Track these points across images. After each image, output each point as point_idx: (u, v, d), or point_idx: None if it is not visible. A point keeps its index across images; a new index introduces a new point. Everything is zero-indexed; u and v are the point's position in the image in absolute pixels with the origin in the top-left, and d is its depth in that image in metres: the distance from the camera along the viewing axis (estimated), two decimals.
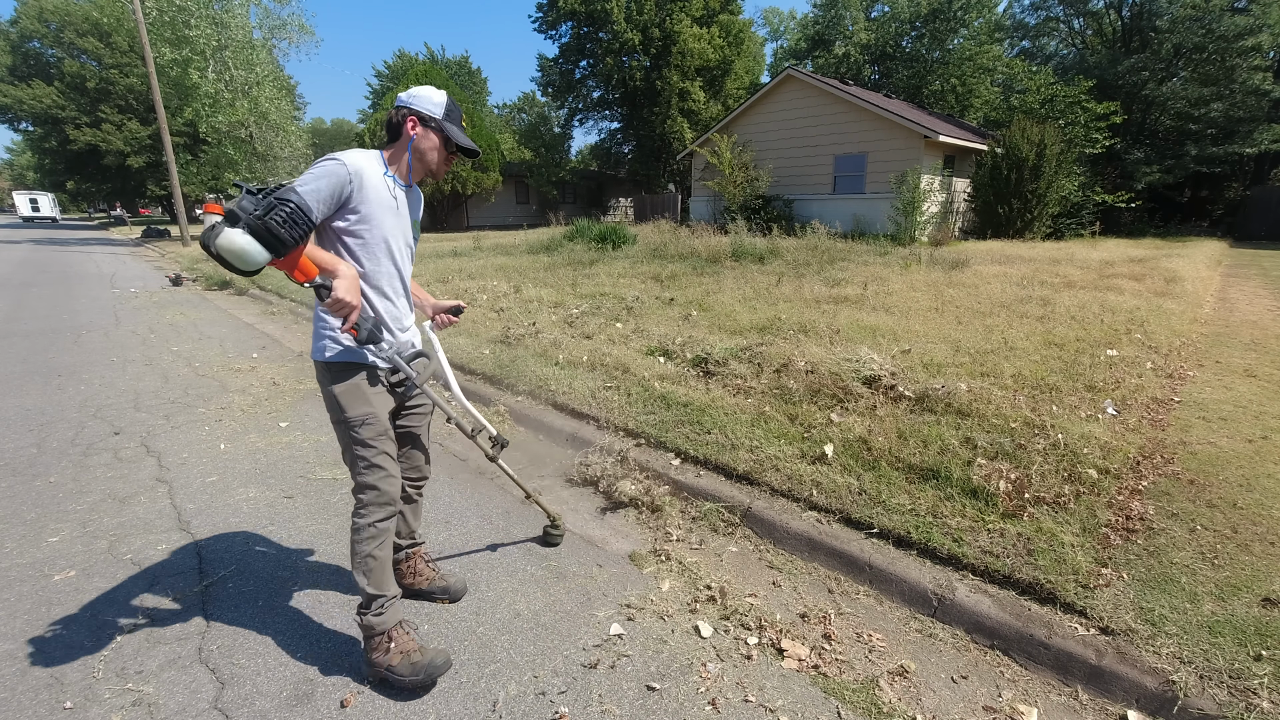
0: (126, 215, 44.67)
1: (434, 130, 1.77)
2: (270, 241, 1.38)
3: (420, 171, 1.81)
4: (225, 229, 1.34)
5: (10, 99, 31.40)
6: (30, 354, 5.73)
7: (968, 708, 1.74)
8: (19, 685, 1.78)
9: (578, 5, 28.34)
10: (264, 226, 1.36)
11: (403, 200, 1.79)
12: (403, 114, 1.74)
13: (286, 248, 1.40)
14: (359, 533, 1.77)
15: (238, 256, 1.35)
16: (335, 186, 1.59)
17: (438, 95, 1.78)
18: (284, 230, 1.39)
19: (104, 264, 14.66)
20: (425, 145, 1.77)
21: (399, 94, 1.80)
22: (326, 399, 1.76)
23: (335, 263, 1.57)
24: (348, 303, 1.55)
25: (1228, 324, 6.03)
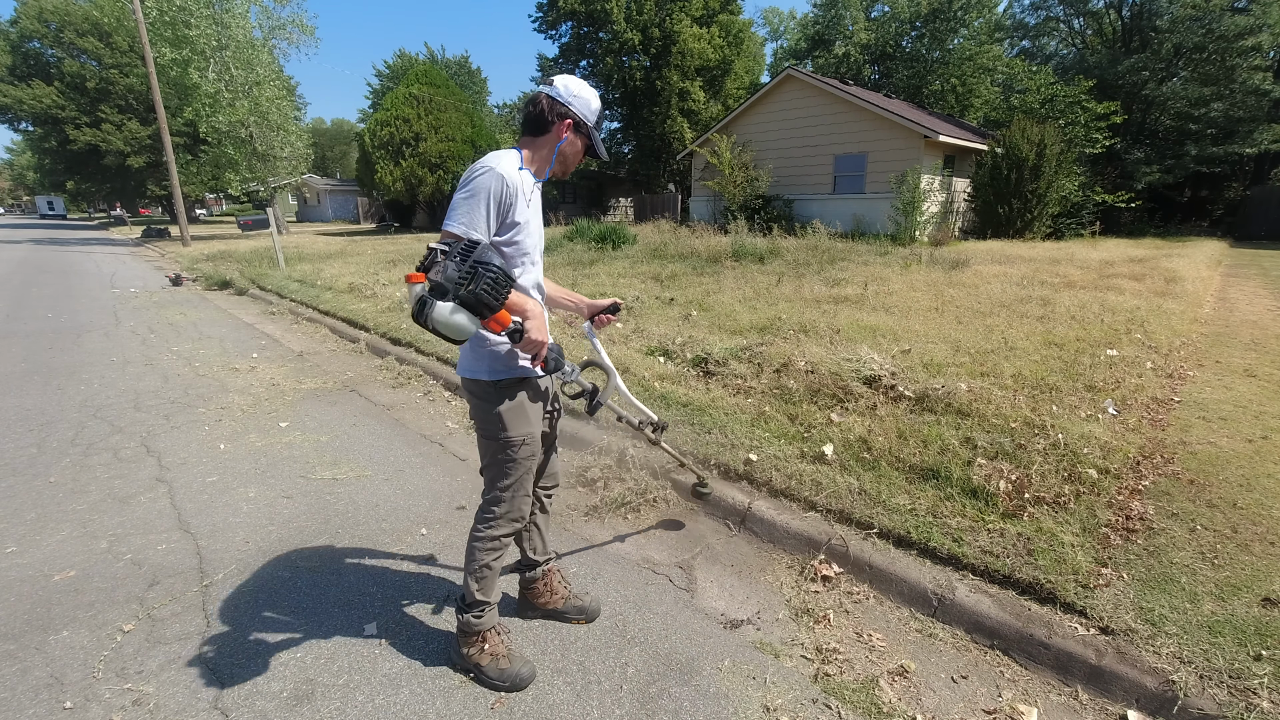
0: (126, 215, 44.66)
1: (583, 136, 1.68)
2: (480, 310, 1.36)
3: (555, 173, 1.72)
4: (437, 304, 1.32)
5: (10, 99, 31.39)
6: (30, 354, 5.73)
7: (968, 708, 1.74)
8: (19, 685, 1.78)
9: (578, 5, 28.33)
10: (474, 299, 1.34)
11: (536, 196, 1.70)
12: (559, 112, 1.62)
13: (495, 311, 1.39)
14: (482, 542, 1.76)
15: (456, 332, 1.35)
16: (500, 205, 1.52)
17: (595, 99, 1.68)
18: (491, 298, 1.36)
19: (104, 264, 14.66)
20: (571, 151, 1.68)
21: (555, 82, 1.64)
22: (483, 415, 1.70)
23: (523, 303, 1.52)
24: (540, 343, 1.53)
25: (1228, 324, 6.03)
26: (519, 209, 1.57)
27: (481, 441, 1.76)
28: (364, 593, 2.22)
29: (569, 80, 1.64)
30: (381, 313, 6.91)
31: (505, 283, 1.38)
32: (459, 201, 1.49)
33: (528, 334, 1.50)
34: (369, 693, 1.77)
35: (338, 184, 39.76)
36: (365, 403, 4.39)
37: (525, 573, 2.04)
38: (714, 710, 1.71)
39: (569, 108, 1.62)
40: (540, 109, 1.62)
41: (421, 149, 22.36)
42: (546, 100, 1.62)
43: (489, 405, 1.68)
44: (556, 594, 2.06)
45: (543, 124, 1.62)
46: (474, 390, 1.71)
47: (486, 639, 1.80)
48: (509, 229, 1.57)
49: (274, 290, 9.36)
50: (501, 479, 1.74)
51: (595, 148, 1.71)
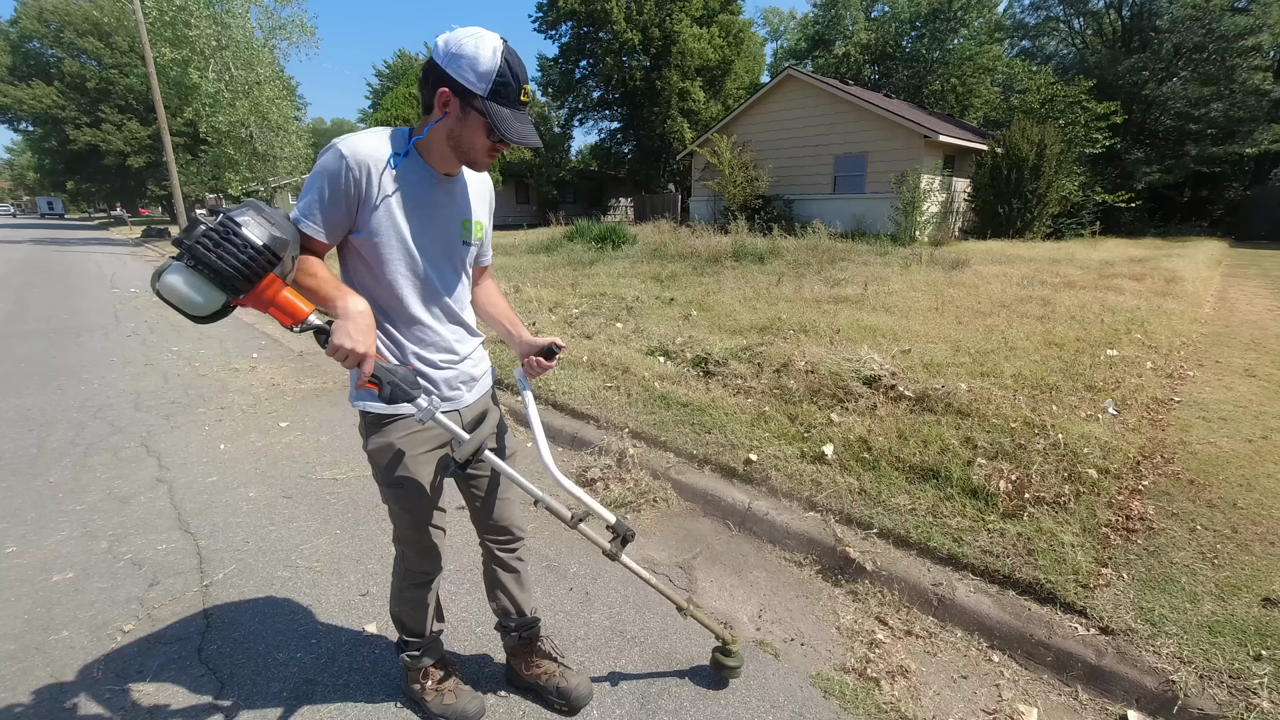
0: (126, 215, 44.70)
1: (476, 112, 1.19)
2: (210, 270, 1.04)
3: (452, 162, 1.31)
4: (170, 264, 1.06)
5: (10, 99, 31.39)
6: (30, 354, 5.73)
7: (968, 708, 1.74)
8: (19, 685, 1.78)
9: (578, 5, 28.34)
10: (195, 258, 1.04)
11: (437, 196, 1.32)
12: (433, 79, 1.19)
13: (236, 280, 1.06)
14: (392, 588, 1.62)
15: (178, 299, 1.06)
16: (333, 183, 1.19)
17: (487, 56, 1.15)
18: (219, 260, 1.03)
19: (104, 264, 14.66)
20: (459, 130, 1.23)
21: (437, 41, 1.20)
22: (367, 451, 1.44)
23: (337, 295, 1.19)
24: (350, 350, 1.17)
25: (1228, 324, 6.03)
26: (370, 196, 1.22)
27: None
28: (364, 593, 2.22)
29: (454, 34, 1.18)
30: None
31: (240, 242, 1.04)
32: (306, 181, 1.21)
33: (333, 337, 1.16)
34: (369, 693, 1.77)
35: None
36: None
37: (502, 638, 1.76)
38: (714, 710, 1.71)
39: (444, 71, 1.16)
40: (422, 75, 1.24)
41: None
42: (428, 65, 1.21)
43: (362, 437, 1.44)
44: (538, 668, 1.73)
45: (427, 97, 1.23)
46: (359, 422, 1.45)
47: (427, 674, 1.68)
48: (362, 225, 1.24)
49: None
50: (395, 527, 1.53)
51: (498, 126, 1.18)
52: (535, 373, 1.61)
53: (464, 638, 2.00)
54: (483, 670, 1.86)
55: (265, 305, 1.14)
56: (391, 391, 1.23)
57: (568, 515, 1.50)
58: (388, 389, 1.23)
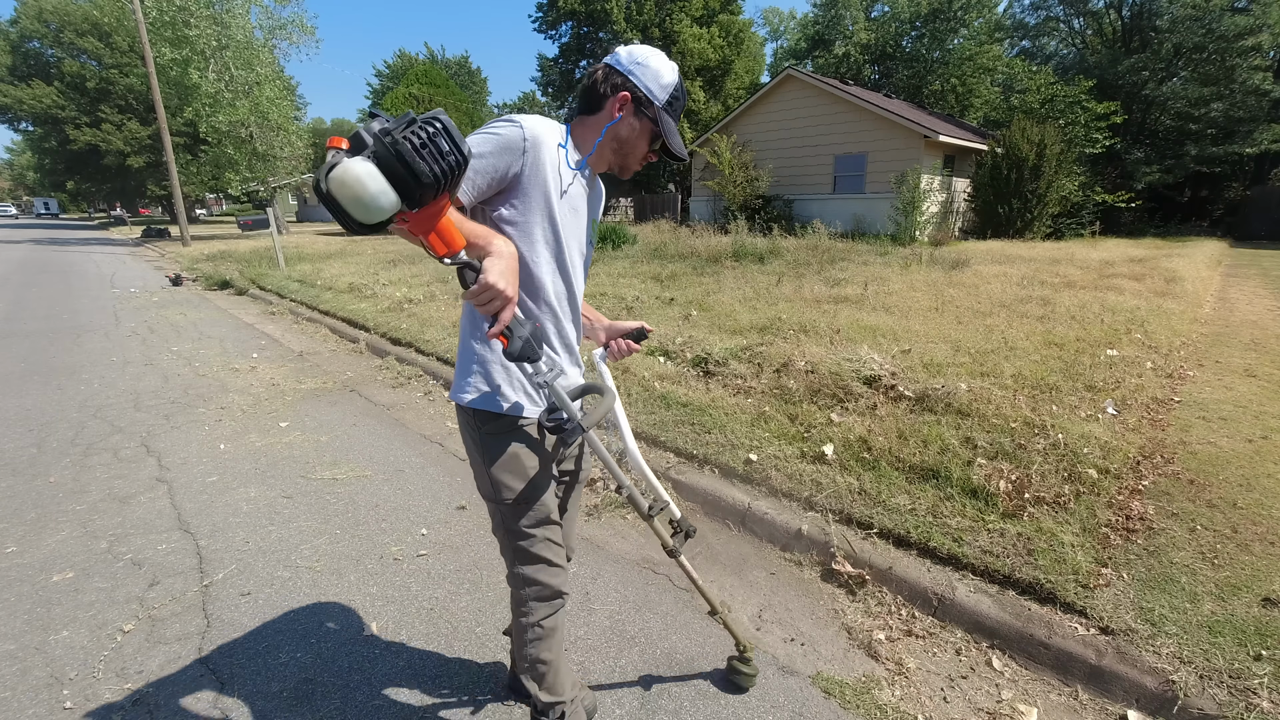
0: (126, 215, 44.69)
1: (648, 120, 1.27)
2: (401, 175, 0.90)
3: (608, 163, 1.35)
4: (343, 159, 0.90)
5: (10, 99, 31.42)
6: (30, 354, 5.73)
7: (967, 708, 1.74)
8: (19, 685, 1.78)
9: (578, 5, 28.36)
10: (394, 151, 0.89)
11: (581, 191, 1.33)
12: (614, 84, 1.26)
13: (424, 188, 0.92)
14: (523, 633, 1.42)
15: (354, 194, 0.88)
16: (503, 153, 1.16)
17: (668, 72, 1.27)
18: (421, 160, 0.90)
19: (104, 264, 14.66)
20: (628, 134, 1.29)
21: (618, 52, 1.29)
22: (474, 462, 1.34)
23: (489, 235, 1.12)
24: (500, 290, 1.06)
25: (1228, 324, 6.03)
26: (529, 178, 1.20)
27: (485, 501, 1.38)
28: (364, 593, 2.22)
29: (635, 48, 1.29)
30: (381, 313, 6.91)
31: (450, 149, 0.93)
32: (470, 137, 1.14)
33: (485, 272, 1.05)
34: (369, 693, 1.77)
35: None
36: (365, 403, 4.39)
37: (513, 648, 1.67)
38: (714, 710, 1.71)
39: (627, 78, 1.25)
40: (594, 79, 1.29)
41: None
42: (602, 69, 1.28)
43: (473, 446, 1.33)
44: None
45: (595, 99, 1.28)
46: (461, 423, 1.36)
47: None
48: (514, 200, 1.21)
49: (274, 290, 9.37)
50: (515, 553, 1.38)
51: (666, 136, 1.28)
52: (619, 355, 1.57)
53: (464, 637, 2.00)
54: (482, 672, 1.86)
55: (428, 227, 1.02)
56: (522, 347, 1.14)
57: (645, 507, 1.45)
58: (518, 343, 1.13)
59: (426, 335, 5.72)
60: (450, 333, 5.74)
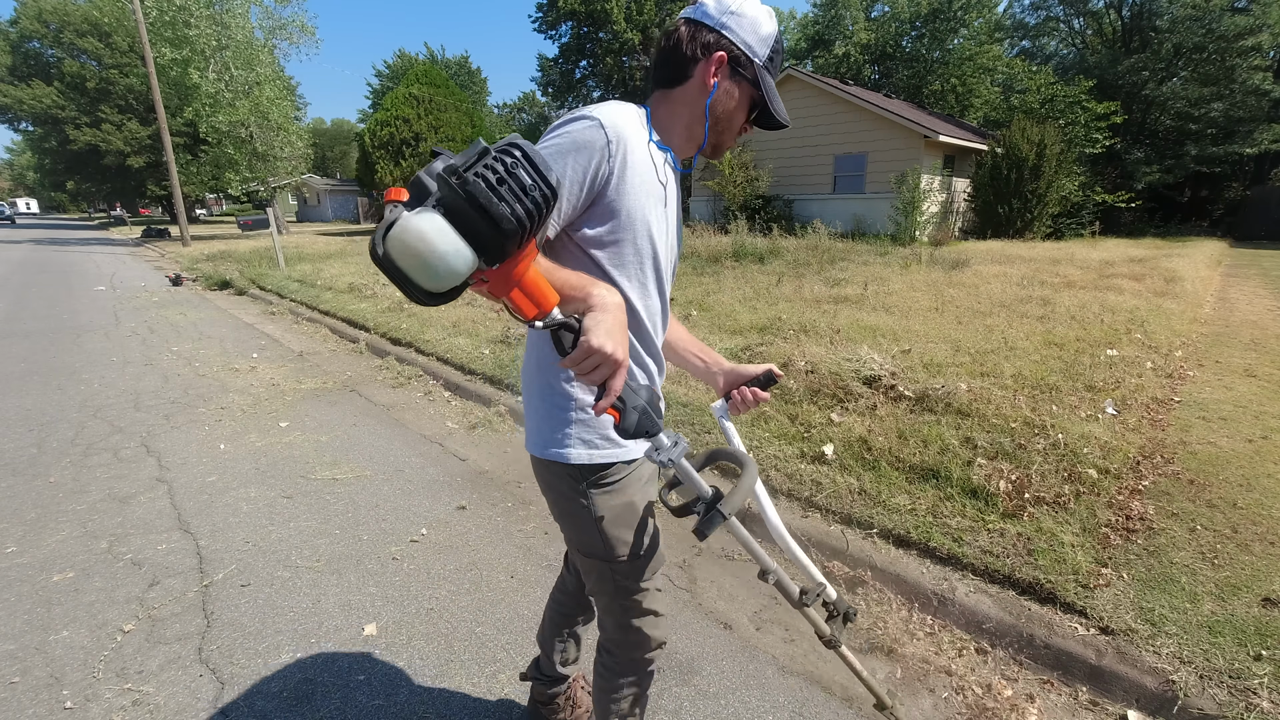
0: (126, 215, 44.68)
1: (747, 83, 1.01)
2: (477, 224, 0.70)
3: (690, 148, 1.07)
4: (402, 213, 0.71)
5: (10, 99, 31.43)
6: (30, 354, 5.73)
7: (968, 707, 1.73)
8: (19, 685, 1.78)
9: (578, 5, 28.36)
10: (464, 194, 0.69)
11: (673, 186, 1.07)
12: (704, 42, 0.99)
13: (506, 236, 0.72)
14: (618, 693, 1.23)
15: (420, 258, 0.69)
16: (584, 161, 0.90)
17: (766, 19, 1.00)
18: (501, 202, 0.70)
19: (104, 264, 14.66)
20: (725, 106, 1.02)
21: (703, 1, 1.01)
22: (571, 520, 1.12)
23: (584, 283, 0.87)
24: (608, 355, 0.82)
25: (1228, 324, 6.03)
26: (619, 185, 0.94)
27: (579, 559, 1.16)
28: (364, 593, 2.22)
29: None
30: (381, 313, 6.91)
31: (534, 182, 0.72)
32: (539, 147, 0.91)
33: (587, 334, 0.82)
34: (369, 693, 1.77)
35: (338, 184, 39.78)
36: (365, 403, 4.39)
37: (548, 687, 1.56)
38: (713, 710, 1.71)
39: (721, 34, 0.98)
40: (675, 39, 1.01)
41: (421, 149, 22.37)
42: (686, 27, 1.00)
43: (574, 505, 1.09)
44: (580, 707, 1.59)
45: (680, 64, 1.00)
46: (551, 483, 1.11)
47: None
48: (602, 216, 0.96)
49: (274, 290, 9.37)
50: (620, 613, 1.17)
51: (770, 102, 1.02)
52: (744, 408, 1.26)
53: (464, 637, 2.00)
54: (483, 672, 1.86)
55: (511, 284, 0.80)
56: (638, 420, 0.90)
57: (796, 594, 1.19)
58: (634, 415, 0.90)
59: (426, 335, 5.72)
60: (451, 332, 5.74)
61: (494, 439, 3.71)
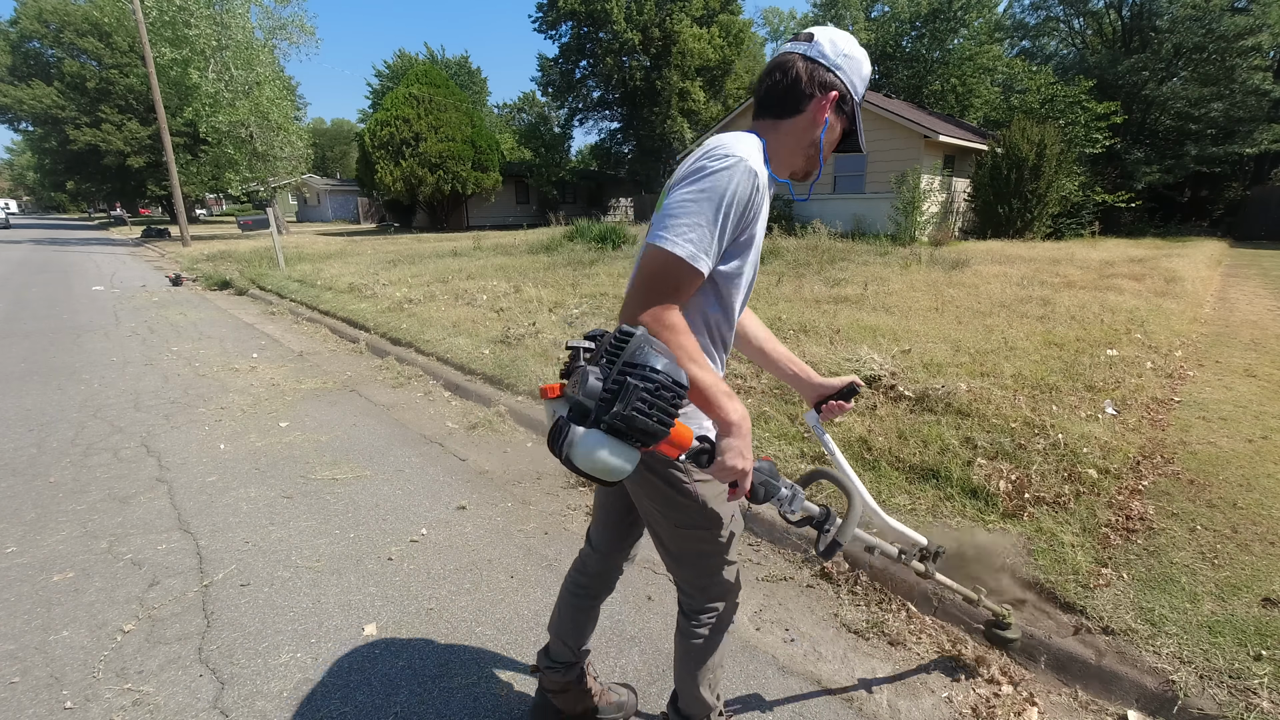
0: (126, 215, 44.66)
1: (845, 118, 1.14)
2: (640, 439, 0.91)
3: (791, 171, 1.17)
4: (576, 431, 0.91)
5: (10, 99, 31.41)
6: (30, 354, 5.73)
7: (968, 707, 1.73)
8: (19, 685, 1.78)
9: (578, 5, 28.35)
10: (626, 425, 0.89)
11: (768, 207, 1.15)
12: (822, 81, 1.08)
13: (660, 439, 0.93)
14: (709, 641, 1.34)
15: (605, 470, 0.91)
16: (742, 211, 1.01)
17: (866, 61, 1.13)
18: (651, 419, 0.89)
19: (104, 264, 14.66)
20: (831, 138, 1.14)
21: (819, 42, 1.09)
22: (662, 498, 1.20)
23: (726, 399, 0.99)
24: (741, 471, 0.99)
25: (1228, 324, 6.03)
26: (758, 224, 1.07)
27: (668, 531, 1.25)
28: (364, 593, 2.22)
29: (836, 35, 1.10)
30: (381, 313, 6.92)
31: (672, 393, 0.90)
32: (685, 202, 0.99)
33: (722, 456, 0.98)
34: (369, 693, 1.77)
35: (338, 184, 39.78)
36: (365, 403, 4.39)
37: (562, 674, 1.56)
38: None
39: (837, 74, 1.08)
40: (794, 76, 1.07)
41: (421, 149, 22.38)
42: (803, 64, 1.08)
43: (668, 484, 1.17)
44: (591, 694, 1.63)
45: (795, 99, 1.08)
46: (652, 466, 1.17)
47: None
48: (740, 252, 1.07)
49: (274, 290, 9.37)
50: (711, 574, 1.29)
51: (858, 133, 1.17)
52: (831, 416, 1.42)
53: (464, 637, 2.00)
54: (483, 672, 1.86)
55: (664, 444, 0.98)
56: (764, 492, 1.11)
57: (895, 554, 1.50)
58: (760, 490, 1.10)
59: (426, 335, 5.72)
60: (451, 332, 5.74)
61: (494, 439, 3.71)
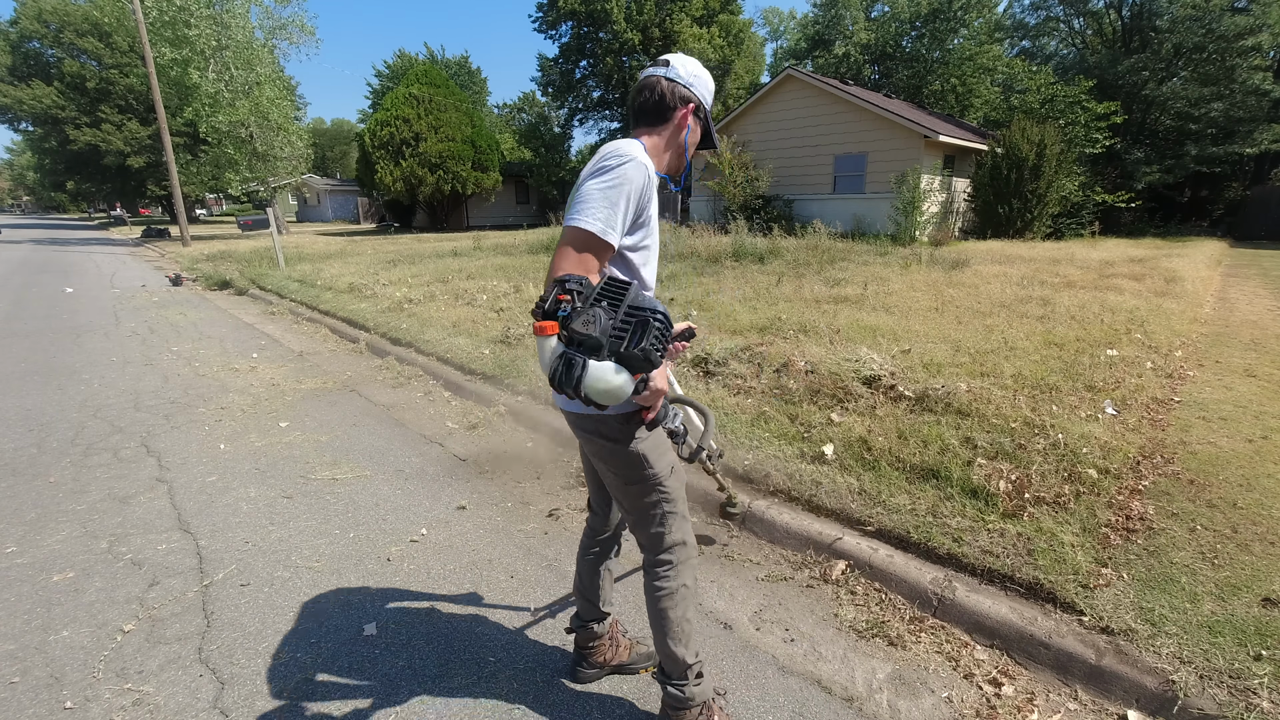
0: (126, 215, 44.64)
1: (701, 123, 1.48)
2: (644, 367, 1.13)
3: (668, 168, 1.48)
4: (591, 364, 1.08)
5: (10, 99, 31.40)
6: (30, 354, 5.73)
7: (969, 707, 1.73)
8: (19, 685, 1.78)
9: (578, 5, 28.36)
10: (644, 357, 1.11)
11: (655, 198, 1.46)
12: (681, 95, 1.41)
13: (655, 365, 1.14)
14: (671, 597, 1.52)
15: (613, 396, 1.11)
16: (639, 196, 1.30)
17: (710, 79, 1.46)
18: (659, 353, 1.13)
19: (104, 264, 14.66)
20: (693, 139, 1.48)
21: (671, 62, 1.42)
22: (618, 459, 1.43)
23: None
24: (662, 392, 1.29)
25: (1228, 324, 6.03)
26: (651, 207, 1.36)
27: (621, 488, 1.49)
28: (364, 593, 2.22)
29: (683, 59, 1.43)
30: (381, 313, 6.91)
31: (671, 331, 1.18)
32: (594, 192, 1.24)
33: (652, 382, 1.24)
34: (369, 693, 1.77)
35: (338, 184, 39.76)
36: (365, 403, 4.39)
37: (592, 628, 1.78)
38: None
39: (690, 90, 1.41)
40: (659, 93, 1.40)
41: (421, 149, 22.37)
42: (665, 84, 1.40)
43: (622, 445, 1.41)
44: (621, 645, 1.83)
45: (663, 111, 1.41)
46: (601, 431, 1.41)
47: (713, 712, 1.58)
48: (639, 229, 1.35)
49: (274, 290, 9.37)
50: (666, 520, 1.49)
51: (710, 135, 1.51)
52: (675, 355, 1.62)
53: (464, 637, 1.99)
54: (483, 672, 1.86)
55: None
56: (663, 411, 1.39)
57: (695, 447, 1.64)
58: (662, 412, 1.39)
59: (426, 335, 5.72)
60: (451, 332, 5.74)
61: (494, 439, 3.71)
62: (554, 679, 1.83)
